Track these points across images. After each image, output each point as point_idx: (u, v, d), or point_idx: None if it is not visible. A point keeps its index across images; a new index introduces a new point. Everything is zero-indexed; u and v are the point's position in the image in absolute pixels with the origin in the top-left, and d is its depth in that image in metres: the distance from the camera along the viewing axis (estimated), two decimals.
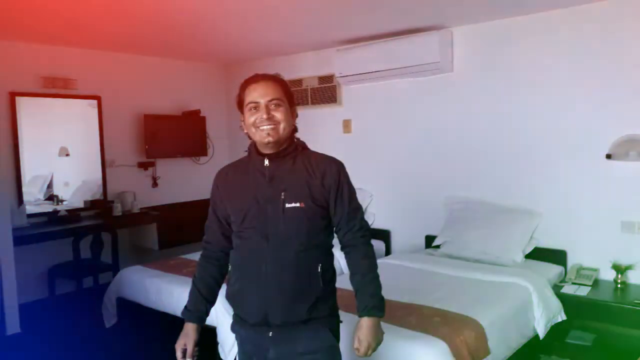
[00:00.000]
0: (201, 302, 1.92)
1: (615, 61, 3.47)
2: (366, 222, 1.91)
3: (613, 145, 3.41)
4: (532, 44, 3.81)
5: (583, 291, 3.36)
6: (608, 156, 3.42)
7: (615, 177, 3.51)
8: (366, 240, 1.88)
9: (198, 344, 1.89)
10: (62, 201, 4.79)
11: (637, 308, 3.12)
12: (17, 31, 4.06)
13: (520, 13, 3.79)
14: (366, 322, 1.81)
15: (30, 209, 4.50)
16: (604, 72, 3.52)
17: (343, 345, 1.93)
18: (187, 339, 1.88)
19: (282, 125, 1.79)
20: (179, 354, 1.87)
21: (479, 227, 3.90)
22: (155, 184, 5.41)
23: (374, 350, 1.82)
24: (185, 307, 1.94)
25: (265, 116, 1.77)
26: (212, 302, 1.95)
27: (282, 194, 1.78)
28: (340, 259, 3.27)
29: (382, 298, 1.85)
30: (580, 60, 3.62)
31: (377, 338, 1.82)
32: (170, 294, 3.34)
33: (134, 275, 3.73)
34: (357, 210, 1.88)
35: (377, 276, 1.86)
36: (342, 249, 1.90)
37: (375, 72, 4.41)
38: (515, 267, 3.57)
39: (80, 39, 4.45)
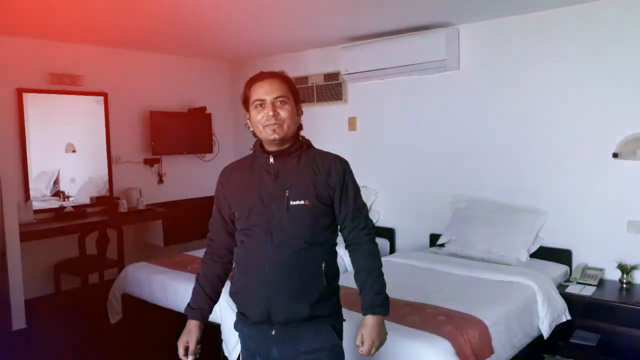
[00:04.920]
0: (204, 300, 1.92)
1: (623, 59, 3.44)
2: (371, 221, 1.91)
3: (620, 143, 3.38)
4: (539, 41, 3.79)
5: (588, 291, 3.35)
6: (615, 155, 3.39)
7: (621, 176, 3.49)
8: (371, 239, 1.88)
9: (200, 341, 1.89)
10: (68, 197, 4.82)
11: None
12: (24, 28, 4.07)
13: (527, 11, 3.77)
14: (370, 320, 1.81)
15: (36, 204, 4.53)
16: (611, 69, 3.49)
17: (347, 345, 1.92)
18: (189, 336, 1.88)
19: (287, 123, 1.78)
20: (181, 351, 1.87)
21: (483, 226, 3.88)
22: (160, 181, 5.42)
23: (377, 349, 1.82)
24: (188, 304, 1.94)
25: (271, 113, 1.76)
26: (215, 300, 1.95)
27: (287, 191, 1.78)
28: (344, 257, 3.28)
29: (387, 296, 1.85)
30: (587, 58, 3.59)
31: (381, 336, 1.82)
32: (175, 290, 3.35)
33: (139, 271, 3.74)
34: (361, 208, 1.88)
35: (381, 274, 1.86)
36: (346, 247, 1.90)
37: (381, 69, 4.40)
38: (520, 267, 3.56)
39: (87, 36, 4.47)
